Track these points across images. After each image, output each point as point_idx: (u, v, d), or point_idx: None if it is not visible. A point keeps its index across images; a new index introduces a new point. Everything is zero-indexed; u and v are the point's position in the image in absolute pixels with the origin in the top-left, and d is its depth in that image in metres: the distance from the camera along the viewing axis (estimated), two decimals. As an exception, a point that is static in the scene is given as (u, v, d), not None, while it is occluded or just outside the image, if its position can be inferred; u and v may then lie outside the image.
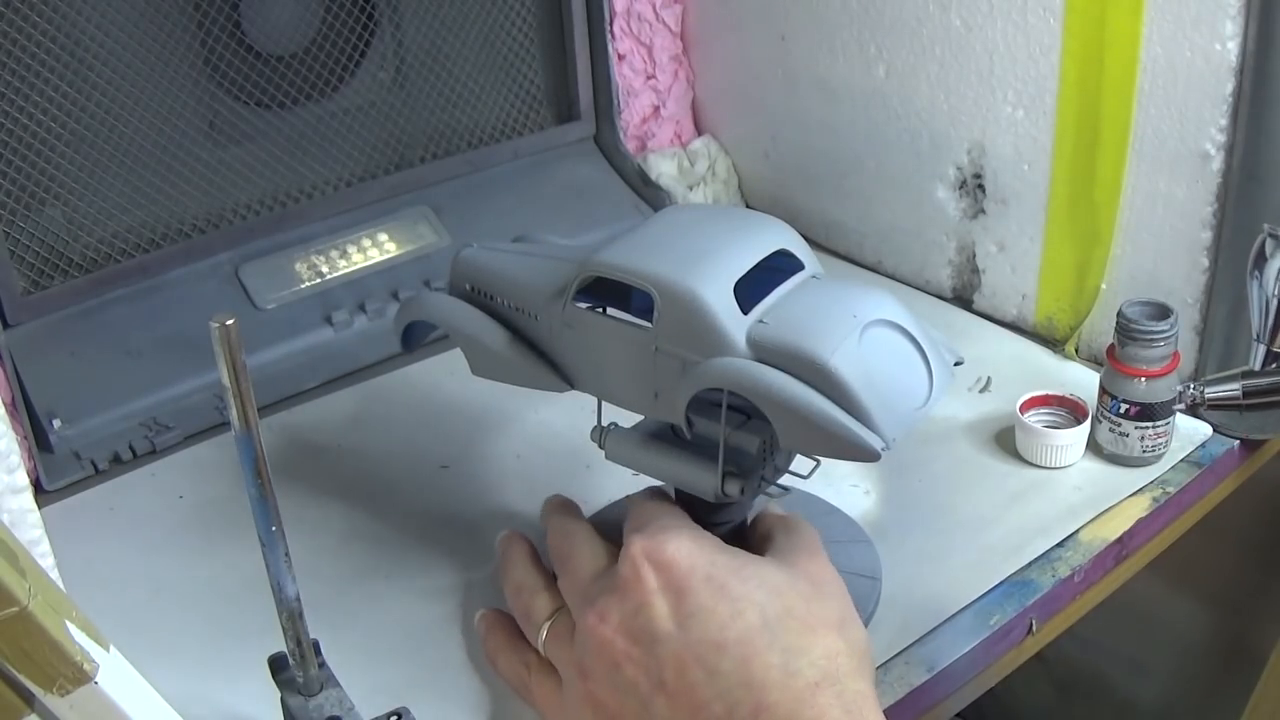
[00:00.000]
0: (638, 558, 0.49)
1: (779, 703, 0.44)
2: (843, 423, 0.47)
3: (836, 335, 0.48)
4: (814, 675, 0.45)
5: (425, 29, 0.89)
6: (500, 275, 0.58)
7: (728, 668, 0.46)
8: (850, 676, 0.46)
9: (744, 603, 0.47)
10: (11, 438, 0.41)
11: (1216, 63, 0.65)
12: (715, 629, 0.46)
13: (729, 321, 0.49)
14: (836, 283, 0.53)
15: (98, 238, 0.79)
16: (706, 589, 0.48)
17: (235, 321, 0.41)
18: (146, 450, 0.74)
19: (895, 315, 0.51)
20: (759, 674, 0.45)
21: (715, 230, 0.54)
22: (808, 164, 0.94)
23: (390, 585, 0.63)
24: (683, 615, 0.47)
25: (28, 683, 0.32)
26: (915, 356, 0.51)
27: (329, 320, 0.83)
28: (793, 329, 0.49)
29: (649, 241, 0.54)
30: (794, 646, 0.46)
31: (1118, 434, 0.67)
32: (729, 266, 0.51)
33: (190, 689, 0.54)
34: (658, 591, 0.48)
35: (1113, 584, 0.66)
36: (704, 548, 0.49)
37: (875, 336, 0.50)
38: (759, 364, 0.49)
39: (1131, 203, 0.72)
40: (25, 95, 0.73)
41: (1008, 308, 0.83)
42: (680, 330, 0.50)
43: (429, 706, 0.55)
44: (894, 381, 0.50)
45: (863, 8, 0.83)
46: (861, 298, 0.51)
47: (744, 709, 0.45)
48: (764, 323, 0.50)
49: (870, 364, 0.49)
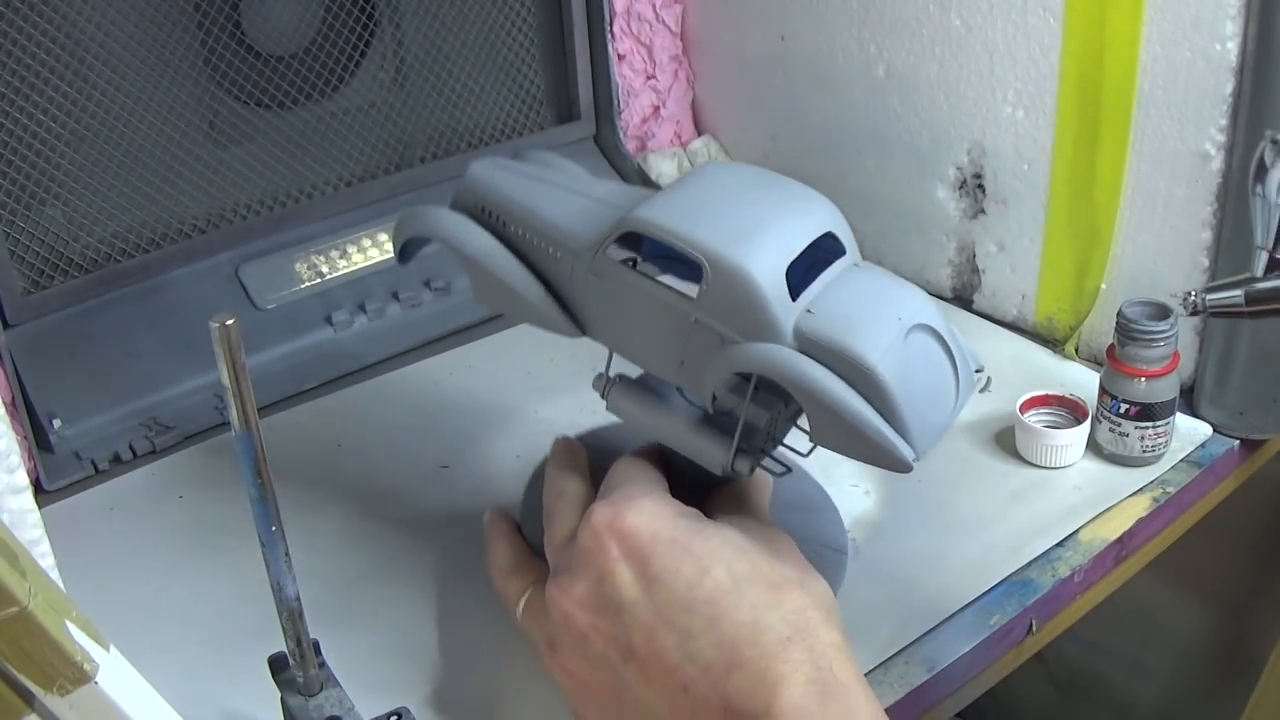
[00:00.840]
0: (598, 527, 0.49)
1: (752, 660, 0.44)
2: (881, 431, 0.47)
3: (883, 338, 0.47)
4: (784, 630, 0.45)
5: (425, 29, 0.89)
6: (520, 204, 0.55)
7: (698, 628, 0.45)
8: (820, 628, 0.46)
9: (709, 560, 0.47)
10: (11, 438, 0.41)
11: (1216, 63, 0.65)
12: (683, 589, 0.46)
13: (779, 307, 0.48)
14: (876, 276, 0.51)
15: (98, 238, 0.79)
16: (670, 551, 0.47)
17: (235, 321, 0.41)
18: (146, 450, 0.74)
19: (934, 320, 0.50)
20: (729, 632, 0.45)
21: (767, 201, 0.51)
22: (808, 164, 0.94)
23: (390, 585, 0.63)
24: (648, 580, 0.47)
25: (28, 683, 0.32)
26: (947, 365, 0.50)
27: (329, 320, 0.83)
28: (840, 324, 0.47)
29: (698, 203, 0.51)
30: (762, 602, 0.46)
31: (1118, 434, 0.67)
32: (784, 246, 0.49)
33: (190, 689, 0.54)
34: (620, 559, 0.48)
35: (1113, 584, 0.66)
36: (664, 512, 0.49)
37: (916, 343, 0.49)
38: (804, 356, 0.47)
39: (1131, 203, 0.72)
40: (25, 95, 0.73)
41: (1008, 308, 0.83)
42: (727, 308, 0.49)
43: (429, 706, 0.55)
44: (929, 391, 0.49)
45: (863, 8, 0.83)
46: (904, 298, 0.50)
47: (717, 669, 0.45)
48: (811, 313, 0.48)
49: (910, 371, 0.48)
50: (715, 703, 0.44)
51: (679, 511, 0.50)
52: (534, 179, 0.57)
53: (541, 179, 0.57)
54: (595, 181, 0.58)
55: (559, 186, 0.56)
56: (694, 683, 0.45)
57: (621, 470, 0.53)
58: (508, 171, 0.58)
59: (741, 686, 0.44)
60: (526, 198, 0.56)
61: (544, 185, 0.56)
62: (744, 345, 0.48)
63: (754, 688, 0.44)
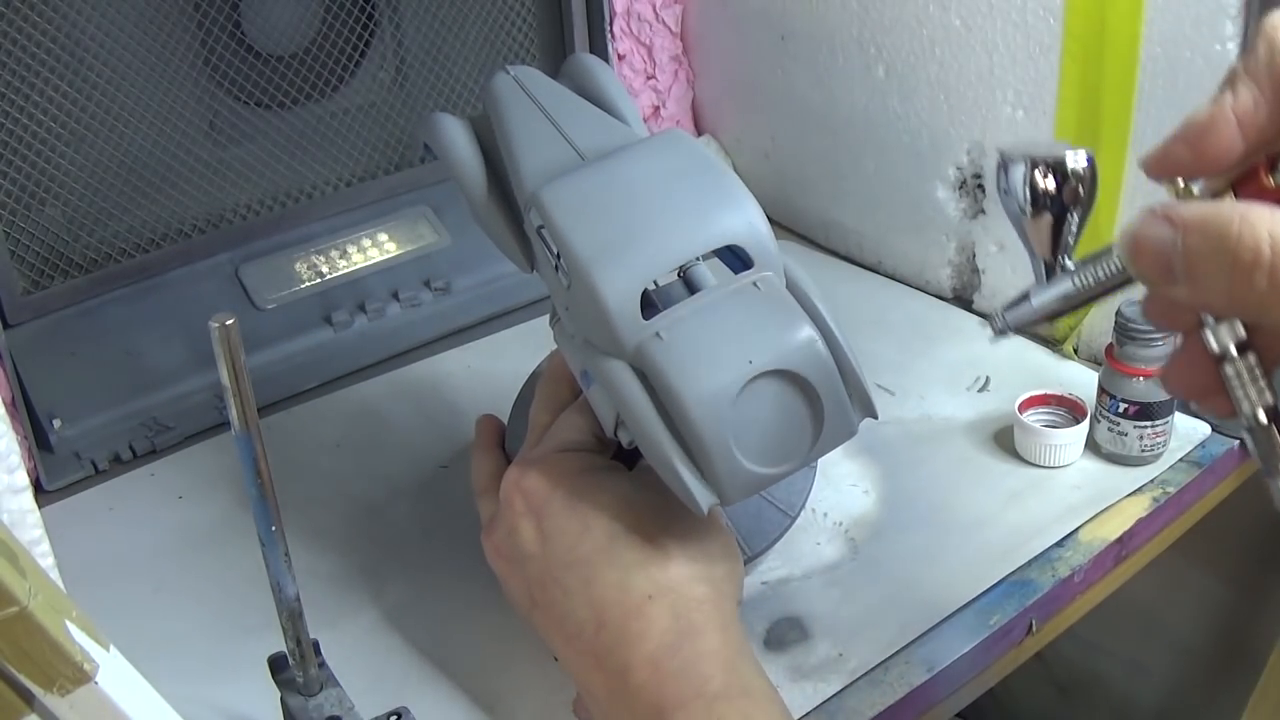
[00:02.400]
0: (509, 483, 0.52)
1: (614, 619, 0.47)
2: (678, 471, 0.47)
3: (716, 381, 0.46)
4: (648, 588, 0.47)
5: (425, 29, 0.89)
6: (506, 133, 0.56)
7: (575, 586, 0.48)
8: (688, 583, 0.48)
9: (592, 519, 0.49)
10: (11, 438, 0.41)
11: (1216, 63, 0.65)
12: (565, 549, 0.49)
13: (626, 328, 0.47)
14: (756, 304, 0.48)
15: (98, 238, 0.79)
16: (562, 511, 0.50)
17: (235, 321, 0.41)
18: (146, 450, 0.74)
19: (801, 364, 0.47)
20: (599, 592, 0.48)
21: (675, 201, 0.50)
22: (808, 164, 0.94)
23: (390, 585, 0.63)
24: (543, 536, 0.50)
25: (28, 683, 0.32)
26: (804, 415, 0.47)
27: (329, 320, 0.83)
28: (678, 358, 0.46)
29: (604, 192, 0.50)
30: (633, 562, 0.48)
31: (1116, 433, 0.67)
32: (658, 258, 0.48)
33: (190, 689, 0.54)
34: (523, 515, 0.51)
35: (1113, 584, 0.66)
36: (567, 469, 0.51)
37: (762, 390, 0.46)
38: (634, 379, 0.47)
39: (1132, 202, 0.72)
40: (25, 95, 0.73)
41: (1007, 308, 0.83)
42: (582, 311, 0.49)
43: (429, 706, 0.55)
44: (760, 441, 0.47)
45: (863, 8, 0.83)
46: (768, 338, 0.47)
47: (589, 626, 0.48)
48: (660, 337, 0.47)
49: (741, 418, 0.46)
50: (590, 659, 0.48)
51: (580, 468, 0.51)
52: (534, 103, 0.57)
53: (541, 104, 0.57)
54: (591, 116, 0.57)
55: (548, 118, 0.56)
56: (573, 639, 0.48)
57: (563, 419, 0.55)
58: (518, 90, 0.58)
59: (606, 644, 0.47)
60: (513, 126, 0.56)
61: (536, 114, 0.56)
62: (589, 347, 0.49)
63: (615, 645, 0.47)
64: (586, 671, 0.48)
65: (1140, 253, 0.34)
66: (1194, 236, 0.32)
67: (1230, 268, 0.32)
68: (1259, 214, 0.31)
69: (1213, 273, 0.32)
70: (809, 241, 0.97)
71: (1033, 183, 0.38)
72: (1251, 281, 0.31)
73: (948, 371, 0.78)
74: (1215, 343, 0.35)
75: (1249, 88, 0.34)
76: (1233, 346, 0.35)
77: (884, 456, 0.70)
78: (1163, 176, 0.36)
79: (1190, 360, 0.37)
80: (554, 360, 0.58)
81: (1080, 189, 0.38)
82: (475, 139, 0.58)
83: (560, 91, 0.59)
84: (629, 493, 0.50)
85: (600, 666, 0.47)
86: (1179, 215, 0.33)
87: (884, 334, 0.82)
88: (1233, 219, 0.32)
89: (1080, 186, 0.38)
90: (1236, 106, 0.34)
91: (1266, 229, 0.31)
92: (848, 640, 0.57)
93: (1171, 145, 0.35)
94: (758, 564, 0.62)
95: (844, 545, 0.64)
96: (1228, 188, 0.35)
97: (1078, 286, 0.39)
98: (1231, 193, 0.35)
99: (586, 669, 0.48)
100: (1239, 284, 0.32)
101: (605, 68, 0.61)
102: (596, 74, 0.60)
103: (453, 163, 0.57)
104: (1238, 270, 0.31)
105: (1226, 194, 0.35)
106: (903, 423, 0.73)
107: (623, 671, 0.46)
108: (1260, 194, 0.34)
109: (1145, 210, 0.34)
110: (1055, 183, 0.38)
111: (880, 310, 0.86)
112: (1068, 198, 0.38)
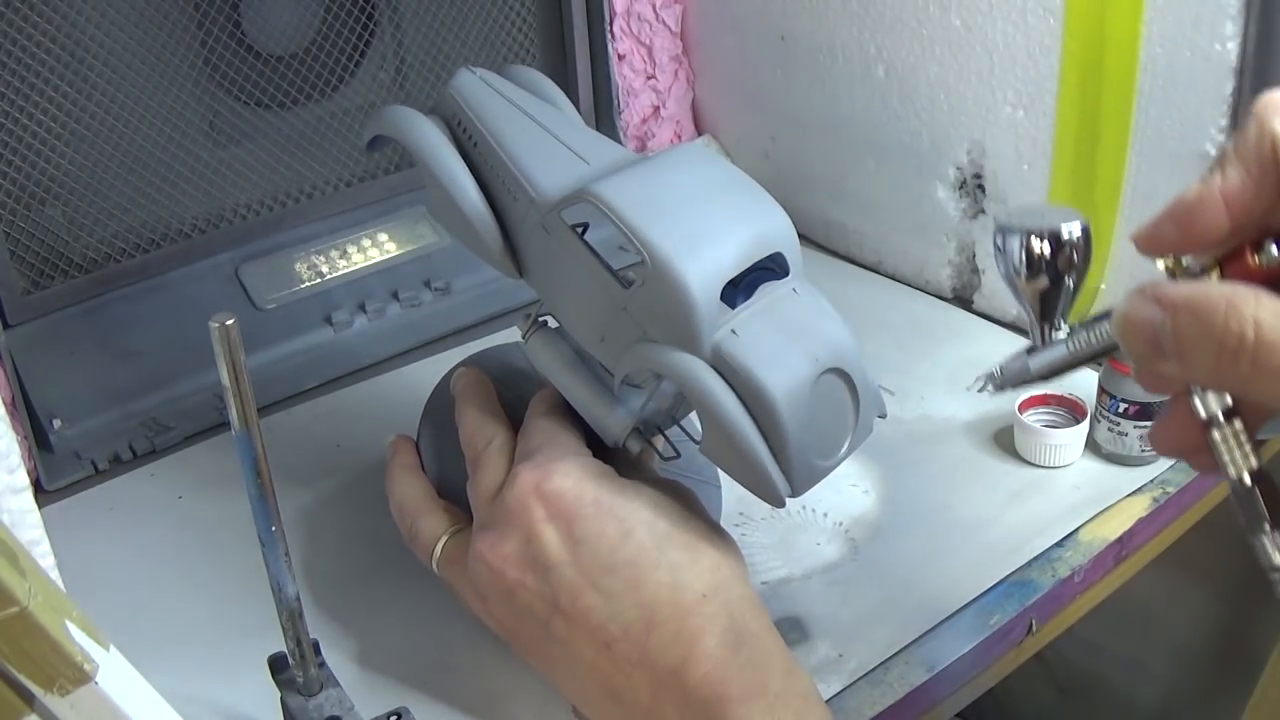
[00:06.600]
0: (525, 489, 0.50)
1: (669, 618, 0.46)
2: (765, 464, 0.48)
3: (794, 376, 0.48)
4: (701, 587, 0.47)
5: (425, 29, 0.89)
6: (493, 132, 0.55)
7: (620, 589, 0.47)
8: (734, 583, 0.49)
9: (632, 522, 0.49)
10: (11, 438, 0.41)
11: (1216, 63, 0.65)
12: (606, 552, 0.48)
13: (707, 323, 0.48)
14: (808, 305, 0.51)
15: (98, 238, 0.79)
16: (595, 514, 0.49)
17: (235, 321, 0.41)
18: (146, 450, 0.74)
19: (850, 364, 0.50)
20: (649, 593, 0.47)
21: (727, 208, 0.50)
22: (808, 164, 0.94)
23: (390, 585, 0.63)
24: (574, 542, 0.48)
25: (28, 683, 0.32)
26: (850, 412, 0.51)
27: (329, 320, 0.83)
28: (756, 353, 0.48)
29: (660, 193, 0.50)
30: (680, 562, 0.48)
31: (1116, 433, 0.67)
32: (728, 262, 0.49)
33: (190, 689, 0.54)
34: (546, 521, 0.49)
35: (1113, 584, 0.66)
36: (588, 474, 0.50)
37: (825, 386, 0.49)
38: (715, 375, 0.48)
39: (1131, 203, 0.72)
40: (25, 95, 0.73)
41: (1008, 308, 0.83)
42: (657, 308, 0.49)
43: (429, 706, 0.55)
44: (823, 435, 0.49)
45: (863, 8, 0.83)
46: (827, 336, 0.50)
47: (637, 629, 0.47)
48: (735, 334, 0.48)
49: (811, 414, 0.48)
50: (635, 659, 0.47)
51: (600, 472, 0.51)
52: (515, 107, 0.56)
53: (523, 109, 0.56)
54: (572, 125, 0.57)
55: (536, 122, 0.56)
56: (616, 641, 0.47)
57: (543, 428, 0.54)
58: (491, 90, 0.57)
59: (659, 643, 0.46)
60: (500, 127, 0.55)
61: (522, 118, 0.56)
62: (662, 347, 0.49)
63: (671, 643, 0.46)
64: (623, 675, 0.47)
65: (1131, 332, 0.35)
66: (1182, 318, 0.34)
67: (1217, 350, 0.33)
68: (1244, 299, 0.33)
69: (1199, 353, 0.33)
70: (809, 241, 0.97)
71: (1029, 251, 0.40)
72: (1236, 363, 0.33)
73: (948, 371, 0.78)
74: (1203, 410, 0.37)
75: (1237, 169, 0.36)
76: (1220, 413, 0.37)
77: (884, 456, 0.70)
78: (1152, 254, 0.38)
79: (1178, 422, 0.38)
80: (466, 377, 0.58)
81: (1074, 256, 0.40)
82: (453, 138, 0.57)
83: (525, 96, 0.58)
84: (656, 495, 0.50)
85: (647, 666, 0.46)
86: (1168, 297, 0.34)
87: (884, 334, 0.83)
88: (1219, 304, 0.33)
89: (1074, 254, 0.40)
90: (1224, 187, 0.36)
91: (1251, 314, 0.32)
92: (848, 640, 0.57)
93: (1160, 224, 0.37)
94: (758, 564, 0.62)
95: (844, 545, 0.64)
96: (1215, 264, 0.37)
97: (1072, 351, 0.41)
98: (1218, 270, 0.37)
99: (624, 672, 0.47)
100: (1224, 365, 0.33)
101: (545, 77, 0.62)
102: (546, 86, 0.61)
103: (435, 166, 0.56)
104: (1223, 353, 0.33)
105: (1214, 270, 0.37)
106: (903, 423, 0.73)
107: (677, 669, 0.46)
108: (1246, 273, 0.36)
109: (1136, 290, 0.35)
110: (1050, 250, 0.40)
111: (880, 310, 0.86)
112: (1062, 265, 0.40)
